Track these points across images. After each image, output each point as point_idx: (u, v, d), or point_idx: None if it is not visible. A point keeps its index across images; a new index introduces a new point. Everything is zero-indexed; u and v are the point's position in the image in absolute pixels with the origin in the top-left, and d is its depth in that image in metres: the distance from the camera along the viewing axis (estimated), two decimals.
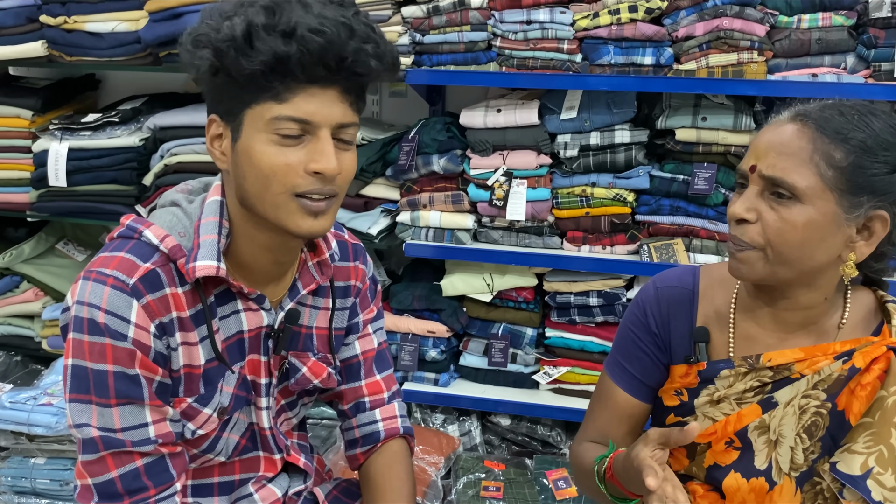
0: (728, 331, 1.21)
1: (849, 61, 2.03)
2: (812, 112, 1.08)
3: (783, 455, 1.14)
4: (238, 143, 1.04)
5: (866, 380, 1.09)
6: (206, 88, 1.06)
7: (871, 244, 1.08)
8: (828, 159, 1.04)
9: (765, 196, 1.08)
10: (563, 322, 2.30)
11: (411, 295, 2.37)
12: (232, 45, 0.98)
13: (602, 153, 2.17)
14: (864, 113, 1.07)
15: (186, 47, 1.02)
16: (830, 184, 1.04)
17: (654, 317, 1.25)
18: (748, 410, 1.16)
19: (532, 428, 2.37)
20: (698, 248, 2.16)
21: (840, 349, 1.12)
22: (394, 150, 2.29)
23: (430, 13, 2.17)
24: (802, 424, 1.13)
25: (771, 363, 1.15)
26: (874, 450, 1.06)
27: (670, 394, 1.24)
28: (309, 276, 1.20)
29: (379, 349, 1.35)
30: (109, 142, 2.43)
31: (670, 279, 1.27)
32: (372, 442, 1.33)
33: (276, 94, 1.00)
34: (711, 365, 1.19)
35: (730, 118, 2.09)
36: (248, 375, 1.18)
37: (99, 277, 1.04)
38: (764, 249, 1.08)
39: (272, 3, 0.99)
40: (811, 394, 1.12)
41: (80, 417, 1.05)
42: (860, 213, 1.06)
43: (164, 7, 2.27)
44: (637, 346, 1.27)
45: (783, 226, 1.06)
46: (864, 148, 1.04)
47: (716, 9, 2.03)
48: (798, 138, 1.06)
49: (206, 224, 1.08)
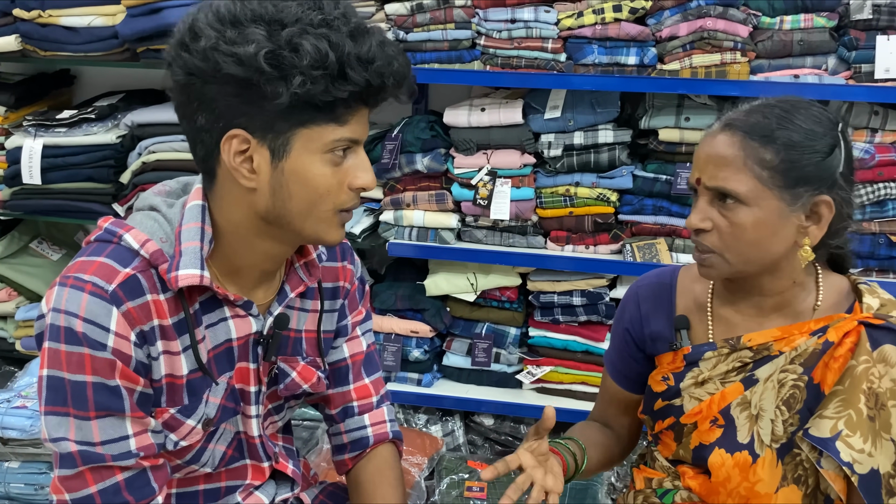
0: (707, 318, 1.28)
1: (830, 62, 2.05)
2: (738, 119, 1.15)
3: (764, 428, 1.20)
4: (284, 162, 1.00)
5: (839, 353, 1.16)
6: (225, 100, 0.97)
7: (821, 227, 1.16)
8: (759, 162, 1.11)
9: (714, 204, 1.15)
10: (547, 321, 2.30)
11: (394, 295, 2.35)
12: (325, 75, 0.94)
13: (586, 153, 2.17)
14: (788, 109, 1.14)
15: (256, 65, 0.93)
16: (768, 183, 1.11)
17: (630, 314, 1.34)
18: (731, 389, 1.23)
19: (515, 427, 2.36)
20: (681, 247, 2.17)
21: (815, 326, 1.19)
22: (377, 148, 2.27)
23: (414, 10, 2.16)
24: (781, 398, 1.19)
25: (751, 343, 1.22)
26: (843, 414, 1.12)
27: (657, 380, 1.30)
28: (297, 279, 1.17)
29: (368, 352, 1.33)
30: (85, 139, 2.39)
31: (650, 277, 1.37)
32: (361, 447, 1.31)
33: (337, 116, 0.98)
34: (696, 348, 1.26)
35: (713, 118, 2.09)
36: (236, 385, 1.15)
37: (76, 283, 1.00)
38: (723, 253, 1.16)
39: (354, 27, 0.96)
40: (789, 368, 1.19)
41: (56, 431, 1.01)
42: (803, 203, 1.13)
43: (143, 2, 2.23)
44: (618, 340, 1.37)
45: (735, 229, 1.14)
46: (790, 144, 1.11)
47: (699, 9, 2.04)
48: (729, 147, 1.13)
49: (187, 230, 1.05)
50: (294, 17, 0.94)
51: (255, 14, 0.95)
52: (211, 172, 1.05)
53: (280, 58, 0.93)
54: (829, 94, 2.00)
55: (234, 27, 0.94)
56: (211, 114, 0.99)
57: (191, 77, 0.97)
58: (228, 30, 0.94)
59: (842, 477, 1.12)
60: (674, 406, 1.27)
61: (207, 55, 0.94)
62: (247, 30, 0.94)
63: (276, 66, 0.93)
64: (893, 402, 1.13)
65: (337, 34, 0.94)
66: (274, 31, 0.94)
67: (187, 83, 0.98)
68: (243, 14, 0.95)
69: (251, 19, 0.95)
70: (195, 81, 0.97)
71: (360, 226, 2.31)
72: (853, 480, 1.10)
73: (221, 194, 1.05)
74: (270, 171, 1.00)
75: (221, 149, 1.00)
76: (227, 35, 0.94)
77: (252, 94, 0.95)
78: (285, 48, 0.93)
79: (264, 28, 0.94)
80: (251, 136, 0.99)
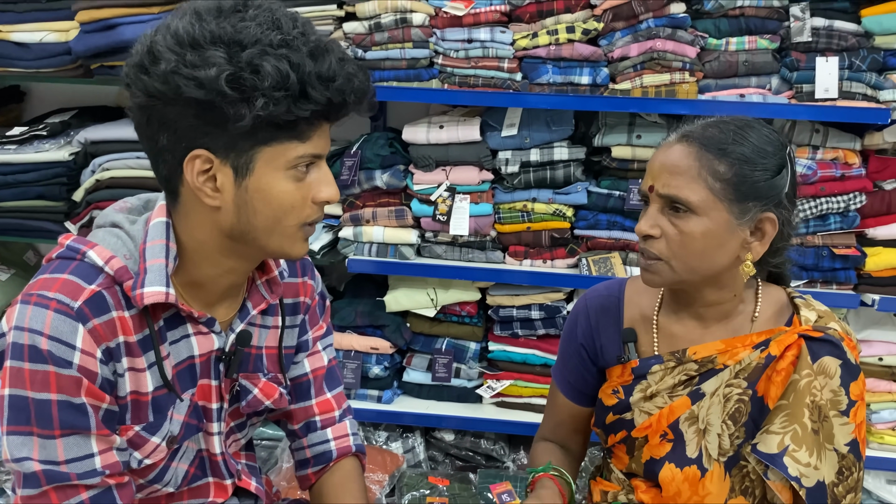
0: (652, 330, 1.30)
1: (773, 82, 2.13)
2: (695, 132, 1.18)
3: (711, 442, 1.22)
4: (248, 180, 1.00)
5: (781, 366, 1.19)
6: (186, 122, 0.97)
7: (764, 244, 1.20)
8: (713, 173, 1.15)
9: (665, 212, 1.18)
10: (506, 335, 2.32)
11: (354, 311, 2.35)
12: (286, 96, 0.94)
13: (542, 169, 2.22)
14: (742, 127, 1.18)
15: (218, 88, 0.92)
16: (720, 195, 1.15)
17: (583, 327, 1.36)
18: (679, 403, 1.25)
19: (476, 442, 2.37)
20: (634, 261, 2.22)
21: (757, 339, 1.22)
22: (336, 164, 2.28)
23: (372, 29, 2.18)
24: (727, 412, 1.22)
25: (696, 356, 1.24)
26: (789, 429, 1.15)
27: (608, 393, 1.32)
28: (259, 296, 1.17)
29: (329, 366, 1.33)
30: (37, 156, 2.34)
31: (599, 290, 1.39)
32: (324, 462, 1.31)
33: (299, 133, 0.99)
34: (643, 361, 1.28)
35: (663, 136, 2.16)
36: (198, 402, 1.14)
37: (40, 301, 0.98)
38: (670, 260, 1.18)
39: (313, 46, 0.96)
40: (734, 382, 1.22)
41: (19, 451, 0.99)
42: (750, 217, 1.17)
43: (97, 18, 2.21)
44: (570, 355, 1.38)
45: (684, 238, 1.16)
46: (743, 159, 1.15)
47: (649, 31, 2.11)
48: (685, 157, 1.16)
49: (152, 248, 1.04)
50: (253, 38, 0.94)
51: (215, 35, 0.94)
52: (174, 192, 1.04)
53: (241, 80, 0.93)
54: (773, 112, 2.08)
55: (193, 49, 0.94)
56: (173, 135, 0.98)
57: (151, 99, 0.97)
58: (188, 52, 0.94)
59: (788, 488, 1.15)
60: (625, 420, 1.29)
61: (167, 78, 0.94)
62: (206, 52, 0.93)
63: (238, 89, 0.93)
64: (835, 413, 1.16)
65: (297, 54, 0.94)
66: (234, 53, 0.93)
67: (147, 105, 0.98)
68: (202, 36, 0.94)
69: (210, 41, 0.94)
70: (156, 103, 0.97)
71: (319, 242, 2.31)
72: (801, 494, 1.13)
73: (185, 212, 1.05)
74: (234, 189, 1.00)
75: (184, 169, 0.99)
76: (186, 58, 0.93)
77: (214, 115, 0.95)
78: (246, 70, 0.93)
79: (224, 50, 0.93)
80: (214, 155, 0.98)
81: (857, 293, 2.17)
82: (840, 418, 1.16)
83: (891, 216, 2.16)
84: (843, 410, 1.17)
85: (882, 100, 2.09)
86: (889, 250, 2.16)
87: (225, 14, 0.96)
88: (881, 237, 2.16)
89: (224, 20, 0.95)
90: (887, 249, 2.16)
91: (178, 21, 0.96)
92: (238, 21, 0.95)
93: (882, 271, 2.17)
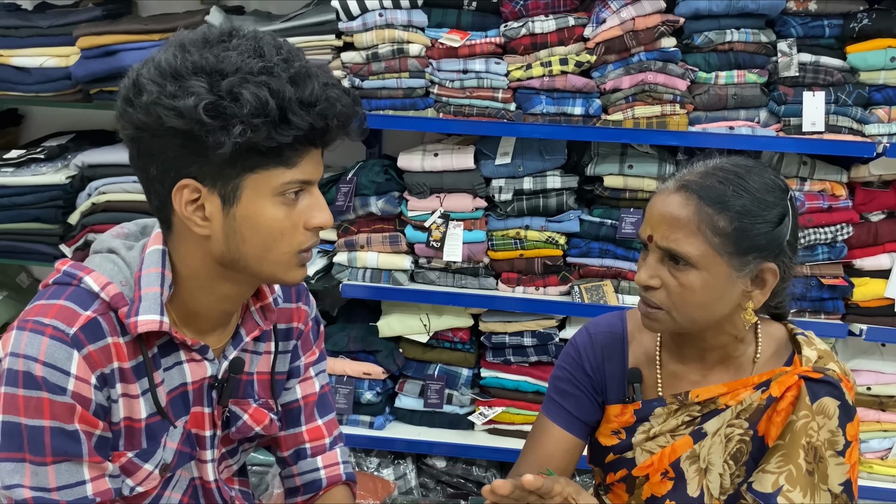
0: (656, 370, 1.29)
1: (762, 115, 2.18)
2: (694, 182, 1.15)
3: (713, 482, 1.22)
4: (235, 208, 1.00)
5: (781, 406, 1.19)
6: (172, 152, 0.98)
7: (765, 292, 1.18)
8: (713, 228, 1.12)
9: (665, 262, 1.16)
10: (499, 362, 2.33)
11: (347, 336, 2.36)
12: (266, 122, 0.94)
13: (535, 197, 2.25)
14: (741, 175, 1.15)
15: (196, 117, 0.93)
16: (719, 249, 1.13)
17: (590, 359, 1.33)
18: (681, 442, 1.23)
19: (467, 469, 2.37)
20: (626, 289, 2.25)
21: (758, 380, 1.22)
22: (331, 190, 2.30)
23: (370, 59, 2.22)
24: (729, 451, 1.21)
25: (699, 398, 1.23)
26: (784, 469, 1.15)
27: (607, 434, 1.30)
28: (252, 323, 1.17)
29: (321, 393, 1.32)
30: (34, 178, 2.35)
31: (601, 325, 1.35)
32: (314, 490, 1.30)
33: (285, 159, 0.98)
34: (646, 404, 1.27)
35: (654, 166, 2.20)
36: (191, 429, 1.14)
37: (36, 327, 0.98)
38: (670, 311, 1.17)
39: (295, 72, 0.96)
40: (735, 423, 1.21)
41: (11, 478, 0.99)
42: (750, 269, 1.15)
43: (98, 44, 2.24)
44: (573, 384, 1.33)
45: (683, 291, 1.15)
46: (744, 213, 1.13)
47: (641, 64, 2.15)
48: (684, 209, 1.13)
49: (147, 275, 1.04)
50: (234, 67, 0.94)
51: (196, 66, 0.95)
52: (167, 221, 1.05)
53: (220, 108, 0.93)
54: (761, 144, 2.12)
55: (174, 80, 0.95)
56: (161, 165, 0.99)
57: (138, 131, 0.98)
58: (169, 83, 0.94)
59: None
60: (626, 459, 1.28)
61: (150, 110, 0.95)
62: (187, 82, 0.94)
63: (217, 117, 0.93)
64: (831, 453, 1.16)
65: (277, 81, 0.94)
66: (215, 82, 0.94)
67: (136, 136, 0.99)
68: (184, 67, 0.95)
69: (192, 71, 0.95)
70: (143, 135, 0.98)
71: (313, 267, 2.32)
72: None
73: (178, 241, 1.06)
74: (222, 217, 1.00)
75: (173, 198, 1.00)
76: (167, 89, 0.94)
77: (196, 144, 0.95)
78: (226, 98, 0.93)
79: (205, 80, 0.94)
80: (201, 184, 0.99)
81: (844, 323, 2.20)
82: (836, 458, 1.17)
83: (877, 247, 2.20)
84: (839, 451, 1.17)
85: (867, 133, 2.13)
86: (876, 280, 2.19)
87: (210, 44, 0.97)
88: (868, 268, 2.20)
89: (207, 50, 0.96)
90: (874, 280, 2.19)
91: (162, 53, 0.98)
92: (222, 51, 0.96)
93: (869, 301, 2.19)
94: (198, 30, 1.00)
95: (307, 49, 2.20)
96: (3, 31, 2.32)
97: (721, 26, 2.12)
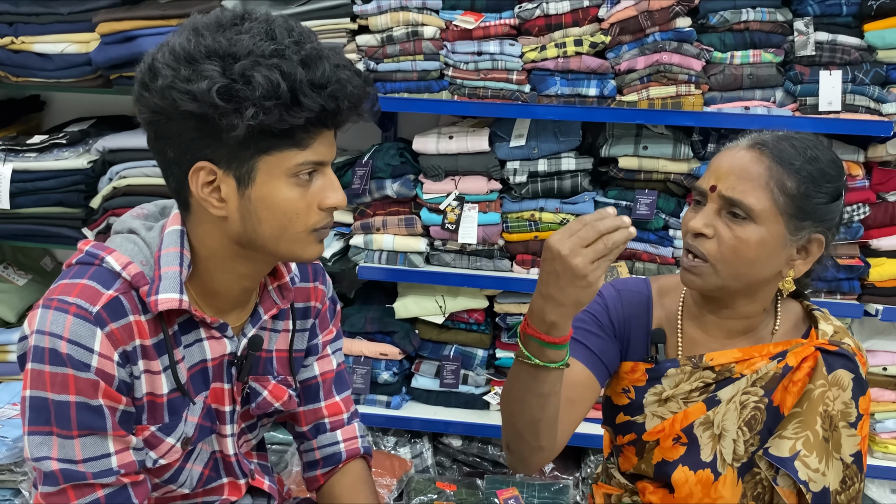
0: (677, 334, 1.30)
1: (777, 95, 2.16)
2: (769, 142, 1.19)
3: (726, 447, 1.24)
4: (251, 189, 1.02)
5: (797, 377, 1.21)
6: (188, 135, 1.00)
7: (807, 263, 1.21)
8: (781, 186, 1.15)
9: (722, 215, 1.18)
10: (514, 343, 2.34)
11: (364, 317, 2.39)
12: (278, 104, 0.95)
13: (549, 179, 2.25)
14: (812, 146, 1.19)
15: (210, 100, 0.95)
16: (781, 208, 1.16)
17: (617, 310, 1.32)
18: (694, 408, 1.26)
19: (483, 448, 2.40)
20: (641, 270, 2.25)
21: (774, 350, 1.24)
22: (347, 174, 2.32)
23: (384, 42, 2.23)
24: (743, 419, 1.24)
25: (713, 363, 1.25)
26: (801, 435, 1.18)
27: (618, 392, 1.32)
28: (270, 301, 1.20)
29: (338, 370, 1.35)
30: (56, 164, 2.39)
31: (628, 283, 1.36)
32: (333, 463, 1.33)
33: (297, 141, 1.00)
34: (659, 364, 1.28)
35: (669, 147, 2.20)
36: (211, 404, 1.17)
37: (60, 306, 1.02)
38: (717, 263, 1.18)
39: (307, 54, 0.98)
40: (750, 391, 1.24)
41: (39, 451, 1.03)
42: (802, 236, 1.18)
43: (117, 30, 2.27)
44: (597, 325, 1.30)
45: (738, 243, 1.16)
46: (812, 179, 1.16)
47: (655, 44, 2.15)
48: (756, 164, 1.16)
49: (166, 255, 1.07)
50: (246, 50, 0.96)
51: (210, 50, 0.97)
52: (185, 203, 1.08)
53: (232, 91, 0.95)
54: (777, 124, 2.11)
55: (188, 64, 0.97)
56: (177, 148, 1.02)
57: (154, 115, 1.00)
58: (183, 67, 0.97)
59: (795, 494, 1.18)
60: (636, 423, 1.30)
61: (165, 94, 0.97)
62: (201, 66, 0.96)
63: (229, 100, 0.95)
64: (844, 423, 1.19)
65: (288, 63, 0.96)
66: (227, 66, 0.96)
67: (153, 120, 1.02)
68: (197, 51, 0.97)
69: (206, 55, 0.97)
70: (159, 118, 1.00)
71: (330, 250, 2.35)
72: (807, 498, 1.16)
73: (196, 222, 1.08)
74: (238, 199, 1.03)
75: (189, 181, 1.02)
76: (181, 73, 0.96)
77: (210, 127, 0.98)
78: (238, 81, 0.95)
79: (218, 63, 0.96)
80: (216, 167, 1.01)
81: (860, 303, 2.19)
82: (848, 430, 1.19)
83: (894, 227, 2.18)
84: (851, 423, 1.20)
85: (885, 112, 2.11)
86: (892, 261, 2.18)
87: (223, 28, 0.99)
88: (885, 248, 2.18)
89: (220, 34, 0.98)
90: (891, 260, 2.18)
91: (176, 38, 1.00)
92: (234, 34, 0.98)
93: (886, 282, 2.18)
94: (211, 13, 1.02)
95: (322, 32, 2.22)
96: (24, 18, 2.35)
97: (736, 6, 2.11)
